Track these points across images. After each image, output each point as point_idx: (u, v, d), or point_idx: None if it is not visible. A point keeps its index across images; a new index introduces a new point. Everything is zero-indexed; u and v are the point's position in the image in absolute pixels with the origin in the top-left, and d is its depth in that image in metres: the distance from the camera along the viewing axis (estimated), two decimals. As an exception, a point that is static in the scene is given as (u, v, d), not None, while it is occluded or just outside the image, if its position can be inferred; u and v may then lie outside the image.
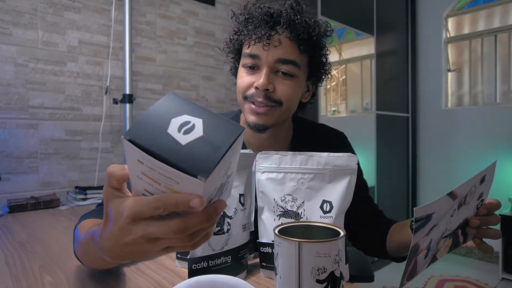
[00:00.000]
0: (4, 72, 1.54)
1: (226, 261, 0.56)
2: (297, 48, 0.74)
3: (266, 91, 0.73)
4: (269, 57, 0.73)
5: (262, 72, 0.74)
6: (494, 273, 2.55)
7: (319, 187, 0.59)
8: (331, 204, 0.58)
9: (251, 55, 0.74)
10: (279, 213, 0.60)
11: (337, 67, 3.54)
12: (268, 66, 0.73)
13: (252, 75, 0.75)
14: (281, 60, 0.73)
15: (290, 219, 0.60)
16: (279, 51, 0.73)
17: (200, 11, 2.25)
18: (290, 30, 0.73)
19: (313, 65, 0.80)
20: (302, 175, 0.60)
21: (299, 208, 0.59)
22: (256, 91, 0.74)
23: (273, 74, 0.74)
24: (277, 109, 0.75)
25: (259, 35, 0.72)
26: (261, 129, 0.76)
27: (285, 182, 0.60)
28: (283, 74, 0.74)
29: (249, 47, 0.75)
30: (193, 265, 0.53)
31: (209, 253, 0.54)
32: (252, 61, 0.75)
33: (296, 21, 0.72)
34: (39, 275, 0.63)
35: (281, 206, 0.60)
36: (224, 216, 0.56)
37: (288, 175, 0.60)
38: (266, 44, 0.72)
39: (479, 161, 2.86)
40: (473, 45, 3.04)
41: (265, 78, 0.72)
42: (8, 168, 1.55)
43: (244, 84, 0.76)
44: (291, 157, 0.61)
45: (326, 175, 0.59)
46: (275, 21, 0.73)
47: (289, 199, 0.60)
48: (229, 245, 0.56)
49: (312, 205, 0.59)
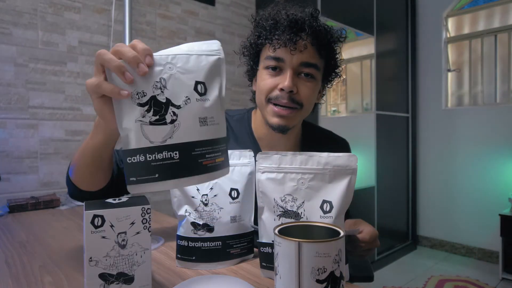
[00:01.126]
0: (4, 72, 1.54)
1: (171, 156, 0.47)
2: (317, 53, 0.80)
3: (291, 93, 0.78)
4: (293, 60, 0.78)
5: (286, 74, 0.78)
6: (494, 273, 2.55)
7: (319, 187, 0.59)
8: (331, 204, 0.59)
9: (276, 58, 0.78)
10: (279, 213, 0.60)
11: (337, 67, 3.54)
12: (292, 68, 0.78)
13: (275, 77, 0.80)
14: (304, 64, 0.78)
15: (290, 219, 0.60)
16: (303, 55, 0.78)
17: (200, 11, 2.25)
18: (312, 36, 0.78)
19: (329, 68, 0.86)
20: (302, 175, 0.60)
21: (299, 208, 0.59)
22: (281, 93, 0.78)
23: (296, 76, 0.79)
24: (299, 111, 0.81)
25: (285, 39, 0.76)
26: (284, 130, 0.82)
27: (285, 182, 0.61)
28: (305, 75, 0.79)
29: (274, 51, 0.78)
30: (127, 158, 0.47)
31: (145, 145, 0.46)
32: (276, 63, 0.79)
33: (317, 28, 0.78)
34: (39, 275, 0.63)
35: (281, 206, 0.60)
36: (168, 104, 0.48)
37: (288, 175, 0.61)
38: (293, 49, 0.77)
39: (479, 161, 2.86)
40: (473, 45, 3.04)
41: (290, 80, 0.77)
42: (8, 168, 1.55)
43: (268, 86, 0.80)
44: (291, 157, 0.61)
45: (326, 175, 0.59)
46: (300, 28, 0.77)
47: (289, 199, 0.60)
48: (174, 138, 0.47)
49: (312, 205, 0.59)
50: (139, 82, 0.47)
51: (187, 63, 0.49)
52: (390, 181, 2.95)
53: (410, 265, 2.79)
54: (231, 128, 0.92)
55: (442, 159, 3.08)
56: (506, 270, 2.44)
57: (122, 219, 0.49)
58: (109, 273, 0.49)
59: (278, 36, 0.77)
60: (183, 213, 0.67)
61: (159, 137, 0.47)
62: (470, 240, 2.92)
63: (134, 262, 0.50)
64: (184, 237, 0.66)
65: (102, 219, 0.48)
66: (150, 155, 0.46)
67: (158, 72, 0.48)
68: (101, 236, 0.48)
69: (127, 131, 0.47)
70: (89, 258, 0.48)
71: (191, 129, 0.48)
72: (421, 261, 2.88)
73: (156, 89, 0.47)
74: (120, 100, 0.47)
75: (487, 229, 2.80)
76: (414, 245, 3.17)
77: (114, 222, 0.49)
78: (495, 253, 2.71)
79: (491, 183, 2.79)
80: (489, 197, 2.79)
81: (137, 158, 0.46)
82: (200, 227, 0.66)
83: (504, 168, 2.74)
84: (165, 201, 2.04)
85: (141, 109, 0.47)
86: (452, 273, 2.58)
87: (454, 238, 3.01)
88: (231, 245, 0.67)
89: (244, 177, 0.70)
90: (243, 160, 0.71)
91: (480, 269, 2.66)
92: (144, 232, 0.51)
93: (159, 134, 0.47)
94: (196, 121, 0.49)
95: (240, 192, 0.69)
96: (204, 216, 0.66)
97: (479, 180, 2.85)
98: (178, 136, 0.48)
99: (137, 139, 0.47)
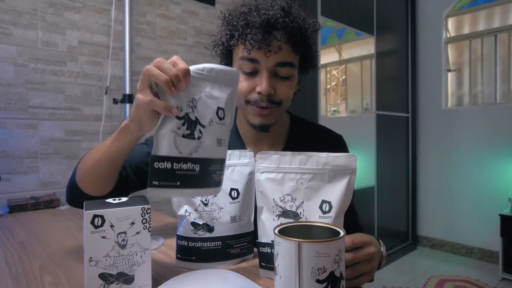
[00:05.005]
0: (4, 72, 1.54)
1: (193, 168, 0.52)
2: (292, 50, 0.77)
3: (269, 95, 0.76)
4: (268, 62, 0.75)
5: (262, 76, 0.76)
6: (494, 273, 2.55)
7: (319, 187, 0.59)
8: (330, 204, 0.58)
9: (251, 59, 0.75)
10: (278, 213, 0.60)
11: (337, 67, 3.54)
12: (268, 70, 0.76)
13: (252, 78, 0.77)
14: (279, 64, 0.76)
15: (289, 219, 0.60)
16: (278, 55, 0.75)
17: (200, 11, 2.25)
18: (286, 35, 0.75)
19: (305, 61, 0.83)
20: (301, 175, 0.60)
21: (298, 208, 0.59)
22: (259, 96, 0.76)
23: (272, 77, 0.77)
24: (278, 108, 0.80)
25: (258, 39, 0.72)
26: (266, 128, 0.81)
27: (284, 182, 0.60)
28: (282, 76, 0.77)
29: (249, 53, 0.75)
30: (155, 163, 0.50)
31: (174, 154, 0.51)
32: (251, 65, 0.76)
33: (291, 25, 0.74)
34: (39, 275, 0.63)
35: (280, 206, 0.60)
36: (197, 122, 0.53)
37: (287, 175, 0.60)
38: (267, 50, 0.73)
39: (479, 161, 2.86)
40: (473, 45, 3.04)
41: (267, 83, 0.75)
42: (8, 168, 1.55)
43: (245, 88, 0.78)
44: (290, 157, 0.61)
45: (326, 175, 0.59)
46: (273, 26, 0.74)
47: (288, 199, 0.60)
48: (198, 153, 0.53)
49: (311, 205, 0.59)
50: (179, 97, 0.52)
51: (213, 90, 0.56)
52: (390, 181, 2.96)
53: (410, 265, 2.80)
54: None
55: (442, 159, 3.08)
56: (506, 270, 2.44)
57: (122, 219, 0.49)
58: (109, 273, 0.49)
59: (251, 36, 0.73)
60: (183, 213, 0.67)
61: (187, 150, 0.52)
62: (470, 240, 2.92)
63: (134, 262, 0.51)
64: (184, 237, 0.66)
65: (102, 219, 0.48)
66: (177, 164, 0.51)
67: (191, 92, 0.53)
68: (101, 236, 0.48)
69: (162, 138, 0.51)
70: (89, 258, 0.48)
71: (211, 147, 0.55)
72: (421, 261, 2.88)
73: (188, 107, 0.53)
74: None
75: (487, 229, 2.80)
76: (414, 245, 3.17)
77: (114, 222, 0.49)
78: (495, 253, 2.71)
79: (491, 183, 2.79)
80: (489, 197, 2.79)
81: (164, 165, 0.50)
82: (200, 227, 0.66)
83: (504, 168, 2.74)
84: (165, 201, 2.04)
85: (178, 122, 0.51)
86: (452, 273, 2.58)
87: (454, 238, 3.01)
88: (231, 245, 0.67)
89: (244, 177, 0.70)
90: (243, 160, 0.71)
91: (480, 269, 2.66)
92: (144, 232, 0.51)
93: (188, 147, 0.52)
94: (215, 141, 0.56)
95: (240, 192, 0.69)
96: (204, 216, 0.66)
97: (479, 180, 2.85)
98: (201, 151, 0.53)
99: (169, 148, 0.51)
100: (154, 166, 0.50)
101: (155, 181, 0.50)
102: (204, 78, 0.55)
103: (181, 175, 0.51)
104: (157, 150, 0.50)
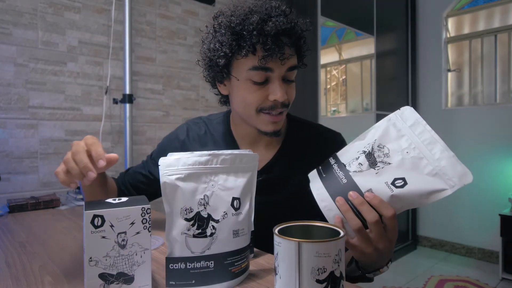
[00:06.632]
0: (4, 72, 1.54)
1: (207, 266, 0.53)
2: (294, 52, 0.77)
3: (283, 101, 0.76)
4: (281, 69, 0.73)
5: (275, 83, 0.73)
6: (494, 273, 2.55)
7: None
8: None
9: (265, 69, 0.72)
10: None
11: (337, 67, 3.54)
12: (281, 77, 0.74)
13: (263, 88, 0.74)
14: (290, 68, 0.75)
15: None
16: (289, 61, 0.74)
17: (200, 11, 2.25)
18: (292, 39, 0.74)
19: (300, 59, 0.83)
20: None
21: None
22: (274, 103, 0.75)
23: (283, 83, 0.76)
24: (286, 110, 0.79)
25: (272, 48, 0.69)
26: (279, 133, 0.80)
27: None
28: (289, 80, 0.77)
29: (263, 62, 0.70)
30: (170, 264, 0.52)
31: (187, 255, 0.52)
32: (264, 75, 0.73)
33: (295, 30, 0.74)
34: (39, 275, 0.63)
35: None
36: (209, 219, 0.54)
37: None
38: (282, 58, 0.71)
39: (479, 161, 2.86)
40: (473, 45, 3.04)
41: (283, 90, 0.74)
42: (8, 168, 1.55)
43: (257, 99, 0.75)
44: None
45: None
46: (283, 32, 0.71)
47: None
48: (212, 249, 0.53)
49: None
50: (188, 199, 0.53)
51: (227, 181, 0.56)
52: (390, 181, 2.95)
53: (410, 265, 2.79)
54: (209, 132, 0.91)
55: (442, 159, 3.08)
56: (506, 270, 2.44)
57: (122, 219, 0.49)
58: (109, 273, 0.49)
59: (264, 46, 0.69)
60: None
61: (199, 248, 0.53)
62: (470, 240, 2.92)
63: (134, 262, 0.51)
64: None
65: (102, 219, 0.48)
66: (190, 263, 0.53)
67: (202, 189, 0.54)
68: (101, 236, 0.48)
69: (174, 241, 0.53)
70: (89, 258, 0.48)
71: (226, 240, 0.55)
72: (421, 261, 2.88)
73: (200, 206, 0.54)
74: (171, 214, 0.53)
75: (487, 229, 2.80)
76: (414, 245, 3.17)
77: (114, 222, 0.49)
78: (495, 253, 2.71)
79: (491, 183, 2.79)
80: (489, 197, 2.79)
81: (178, 266, 0.52)
82: None
83: (504, 168, 2.74)
84: (165, 201, 2.04)
85: (187, 223, 0.53)
86: (452, 273, 2.58)
87: (454, 238, 3.01)
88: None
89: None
90: None
91: (480, 269, 2.66)
92: (144, 232, 0.51)
93: (200, 245, 0.53)
94: (230, 233, 0.56)
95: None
96: None
97: (479, 180, 2.85)
98: (215, 247, 0.54)
99: (181, 249, 0.53)
100: (169, 267, 0.52)
101: (171, 281, 0.52)
102: (217, 171, 0.55)
103: (195, 273, 0.53)
104: (171, 252, 0.53)
